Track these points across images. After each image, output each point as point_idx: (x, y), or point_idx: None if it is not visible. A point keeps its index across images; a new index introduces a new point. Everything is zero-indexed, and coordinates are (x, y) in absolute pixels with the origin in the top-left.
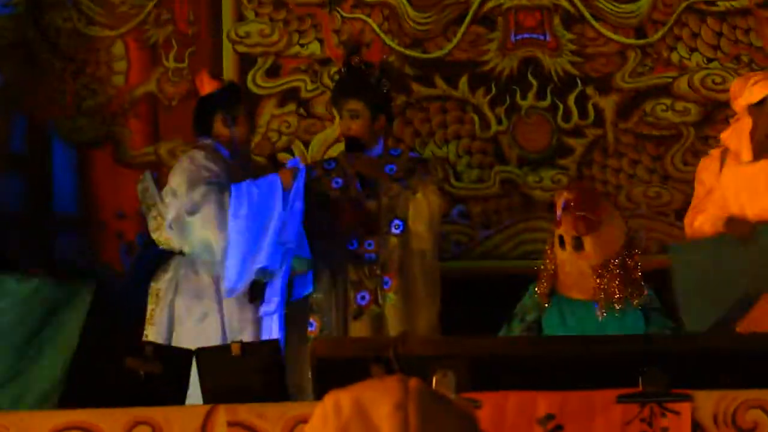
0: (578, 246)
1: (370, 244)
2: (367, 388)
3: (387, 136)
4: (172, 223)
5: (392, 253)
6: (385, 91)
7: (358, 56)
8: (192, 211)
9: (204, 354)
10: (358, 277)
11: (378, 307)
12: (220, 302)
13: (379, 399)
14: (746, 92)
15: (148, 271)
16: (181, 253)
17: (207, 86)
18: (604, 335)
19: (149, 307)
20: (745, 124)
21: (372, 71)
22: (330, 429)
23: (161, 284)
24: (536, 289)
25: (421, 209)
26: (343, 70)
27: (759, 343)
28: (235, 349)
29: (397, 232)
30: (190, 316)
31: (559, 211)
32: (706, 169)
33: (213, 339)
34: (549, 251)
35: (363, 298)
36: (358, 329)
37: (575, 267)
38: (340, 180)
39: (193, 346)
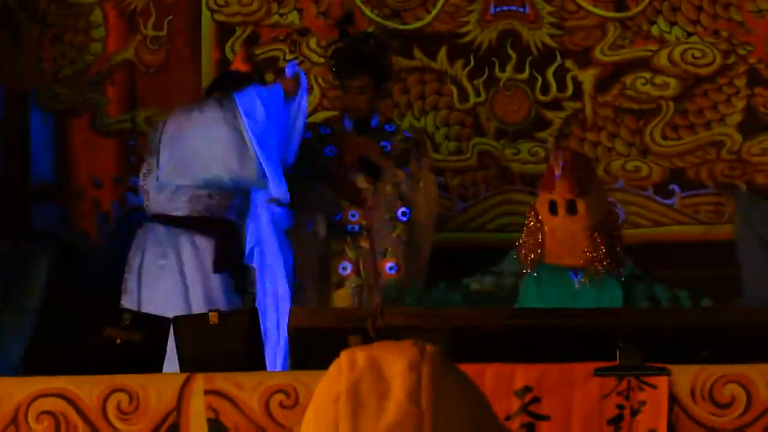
0: (572, 209)
1: (353, 215)
2: (384, 347)
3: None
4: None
5: (398, 239)
6: (387, 62)
7: (352, 26)
8: (202, 110)
9: (182, 322)
10: (340, 247)
11: (359, 278)
12: (181, 272)
13: (395, 358)
14: None
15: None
16: (155, 219)
17: (236, 63)
18: (584, 308)
19: (124, 276)
20: None
21: (372, 42)
22: (342, 381)
23: (131, 253)
24: (520, 256)
25: (425, 201)
26: (340, 43)
27: (738, 318)
28: (213, 318)
29: (405, 219)
30: (155, 280)
31: (558, 172)
32: None
33: (175, 303)
34: (533, 221)
35: (345, 268)
36: (339, 299)
37: (568, 231)
38: (334, 149)
39: (157, 310)
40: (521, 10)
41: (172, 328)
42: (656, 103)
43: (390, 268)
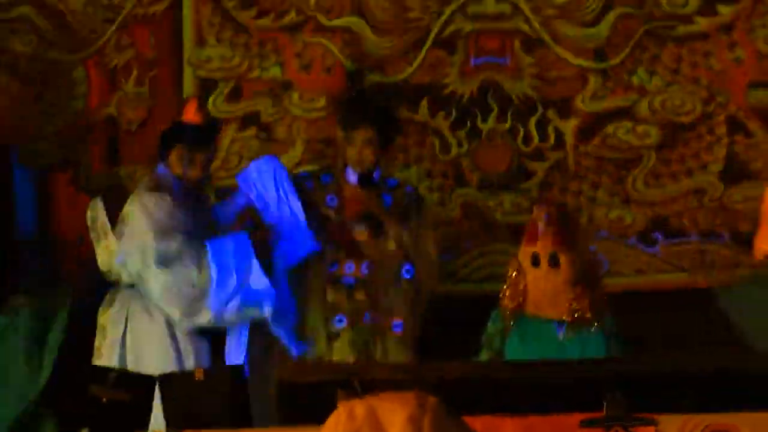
0: (555, 262)
1: (350, 267)
2: (383, 398)
3: (392, 161)
4: (127, 260)
5: (405, 297)
6: (394, 117)
7: (365, 79)
8: (164, 263)
9: (167, 379)
10: (335, 299)
11: (353, 332)
12: (174, 340)
13: (394, 410)
14: None
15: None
16: (130, 286)
17: (188, 115)
18: (570, 359)
19: (97, 338)
20: None
21: (382, 96)
22: None
23: (105, 319)
24: (501, 309)
25: (425, 259)
26: (350, 93)
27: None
28: (199, 374)
29: (408, 276)
30: (143, 355)
31: (541, 225)
32: None
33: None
34: (515, 273)
35: (340, 321)
36: (335, 351)
37: (551, 284)
38: (335, 198)
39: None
40: (502, 61)
41: (157, 385)
42: (638, 152)
43: (396, 326)
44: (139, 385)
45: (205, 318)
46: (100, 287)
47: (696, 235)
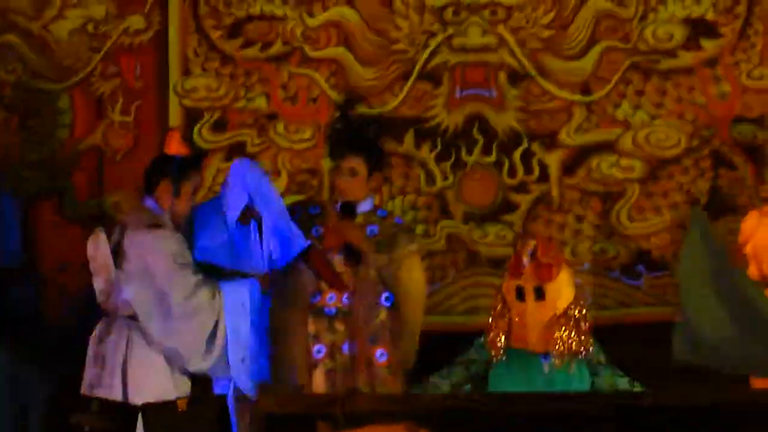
0: (540, 295)
1: (331, 298)
2: (375, 429)
3: (377, 192)
4: (134, 300)
5: (383, 324)
6: (381, 147)
7: (355, 109)
8: (188, 301)
9: (150, 409)
10: (315, 329)
11: (333, 362)
12: (174, 369)
13: None
14: None
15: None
16: (129, 317)
17: (172, 147)
18: (555, 392)
19: (92, 369)
20: None
21: (370, 126)
22: None
23: (104, 348)
24: (488, 342)
25: (408, 286)
26: (338, 123)
27: (708, 400)
28: (182, 405)
29: (388, 304)
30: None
31: (526, 259)
32: None
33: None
34: (500, 306)
35: (318, 351)
36: (316, 382)
37: (536, 317)
38: (320, 229)
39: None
40: (487, 93)
41: (140, 415)
42: (622, 186)
43: (381, 355)
44: (121, 415)
45: (207, 365)
46: (84, 316)
47: None
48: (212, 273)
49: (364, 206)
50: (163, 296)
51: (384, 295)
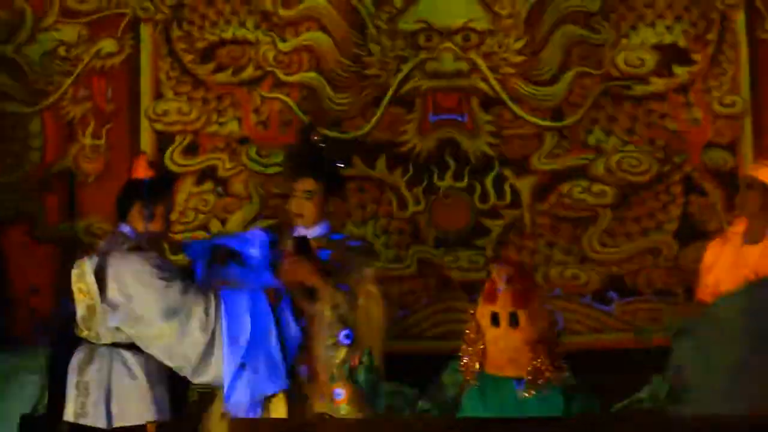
0: (514, 321)
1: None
2: None
3: (332, 216)
4: (122, 325)
5: (342, 363)
6: (339, 171)
7: (316, 133)
8: (168, 315)
9: None
10: None
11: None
12: (153, 398)
13: None
14: None
15: (68, 355)
16: (113, 344)
17: (140, 171)
18: (528, 417)
19: (77, 399)
20: None
21: (324, 147)
22: None
23: (88, 377)
24: (461, 367)
25: (367, 319)
26: (294, 146)
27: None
28: (151, 429)
29: (347, 342)
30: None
31: (500, 285)
32: None
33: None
34: (472, 332)
35: None
36: (274, 409)
37: (510, 343)
38: (277, 256)
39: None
40: (459, 118)
41: None
42: (593, 211)
43: (338, 394)
44: None
45: (211, 375)
46: (54, 339)
47: (651, 295)
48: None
49: (318, 230)
50: (150, 315)
51: (343, 333)
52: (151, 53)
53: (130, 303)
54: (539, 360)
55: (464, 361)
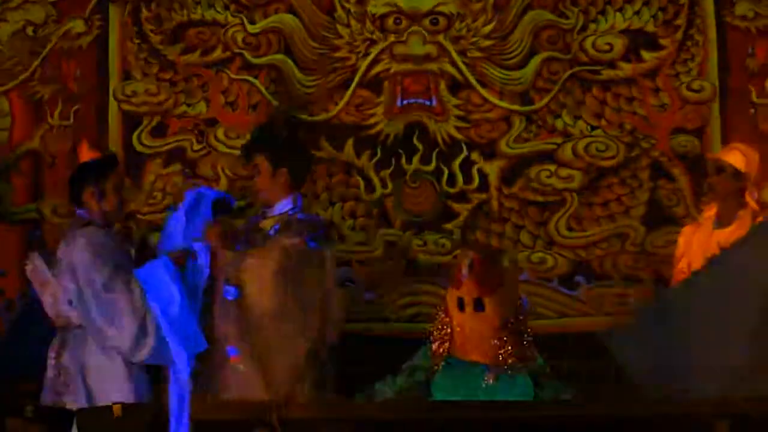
0: (479, 306)
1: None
2: None
3: (293, 190)
4: (73, 299)
5: (229, 317)
6: (284, 142)
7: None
8: (108, 290)
9: (85, 415)
10: None
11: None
12: (130, 376)
13: None
14: None
15: (32, 336)
16: (79, 326)
17: (84, 156)
18: (494, 401)
19: (55, 381)
20: None
21: (280, 126)
22: None
23: (65, 360)
24: (430, 350)
25: (256, 276)
26: (254, 129)
27: (643, 410)
28: (117, 410)
29: (230, 297)
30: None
31: (464, 271)
32: None
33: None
34: (442, 314)
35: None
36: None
37: (475, 329)
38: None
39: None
40: (428, 102)
41: (75, 420)
42: (561, 196)
43: (231, 351)
44: (56, 419)
45: (146, 351)
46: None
47: (617, 280)
48: None
49: (278, 208)
50: (89, 291)
51: (229, 290)
52: (119, 34)
53: (76, 276)
54: (504, 347)
55: (434, 344)
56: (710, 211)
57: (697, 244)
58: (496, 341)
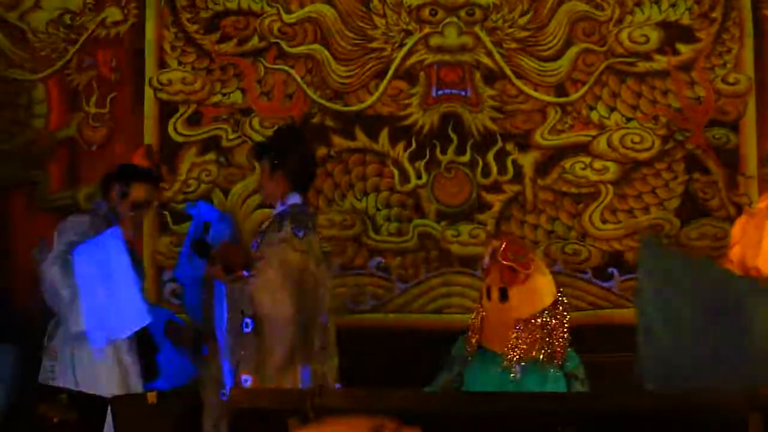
0: (503, 297)
1: None
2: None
3: (291, 191)
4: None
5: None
6: (282, 147)
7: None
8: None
9: (119, 402)
10: None
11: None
12: (120, 362)
13: None
14: None
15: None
16: None
17: (136, 159)
18: (524, 393)
19: (48, 362)
20: None
21: (278, 131)
22: None
23: (55, 341)
24: (465, 339)
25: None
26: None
27: (675, 403)
28: (152, 398)
29: (248, 330)
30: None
31: (486, 260)
32: None
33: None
34: (478, 304)
35: None
36: None
37: (499, 318)
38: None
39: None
40: (463, 93)
41: (109, 407)
42: (595, 187)
43: (245, 381)
44: (90, 407)
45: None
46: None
47: None
48: None
49: (279, 207)
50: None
51: (245, 321)
52: (155, 22)
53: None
54: (522, 340)
55: (469, 332)
56: (763, 202)
57: (749, 234)
58: (516, 333)
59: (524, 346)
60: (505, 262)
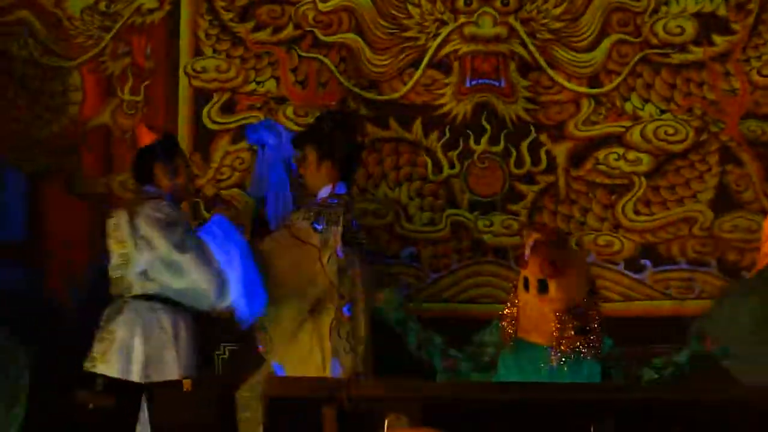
0: (543, 289)
1: None
2: None
3: (337, 180)
4: (149, 269)
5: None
6: (331, 135)
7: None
8: (180, 248)
9: (155, 388)
10: None
11: None
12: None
13: None
14: None
15: (103, 308)
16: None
17: (145, 137)
18: (558, 383)
19: (99, 345)
20: None
21: (326, 118)
22: None
23: (115, 325)
24: (500, 328)
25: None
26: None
27: (711, 395)
28: (187, 385)
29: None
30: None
31: (527, 252)
32: None
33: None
34: (513, 294)
35: None
36: None
37: (537, 310)
38: None
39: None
40: (497, 83)
41: (145, 394)
42: (629, 179)
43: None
44: (126, 393)
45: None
46: (87, 292)
47: (684, 264)
48: None
49: (320, 194)
50: (166, 252)
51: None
52: (190, 10)
53: (150, 247)
54: (565, 331)
55: (504, 322)
56: None
57: None
58: (557, 324)
59: (567, 340)
60: (546, 255)
